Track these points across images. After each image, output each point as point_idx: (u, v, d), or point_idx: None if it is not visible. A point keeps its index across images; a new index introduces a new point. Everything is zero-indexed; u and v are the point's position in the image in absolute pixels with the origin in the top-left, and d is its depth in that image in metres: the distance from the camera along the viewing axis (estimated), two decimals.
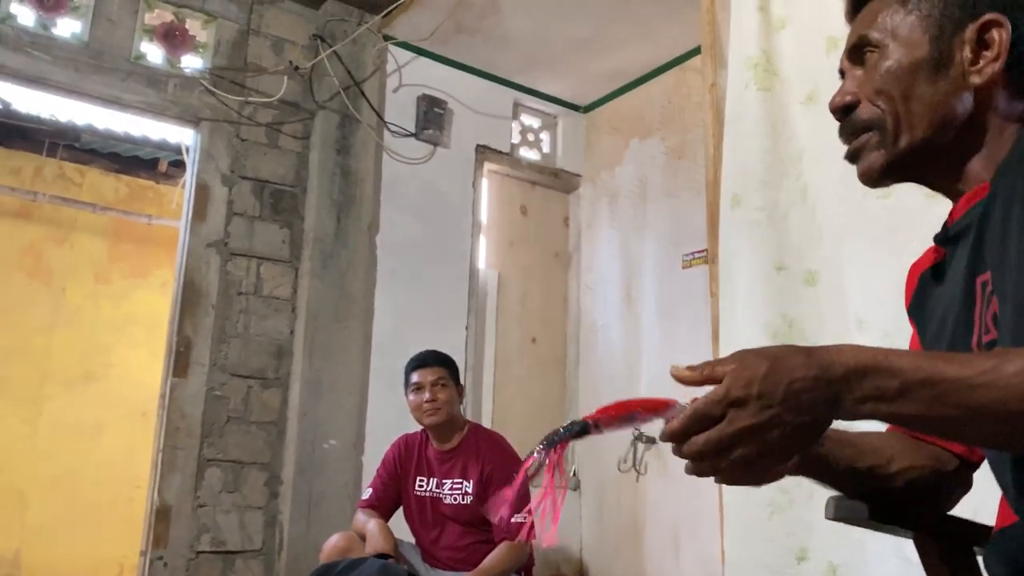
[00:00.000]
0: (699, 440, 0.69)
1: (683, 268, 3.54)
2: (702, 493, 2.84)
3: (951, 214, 0.92)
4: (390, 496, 2.60)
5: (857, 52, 0.92)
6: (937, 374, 0.67)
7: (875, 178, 0.91)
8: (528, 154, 4.11)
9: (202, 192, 3.19)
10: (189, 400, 3.04)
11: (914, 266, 1.00)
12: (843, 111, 0.92)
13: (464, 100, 3.80)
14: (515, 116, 4.06)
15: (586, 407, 3.91)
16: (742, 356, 0.69)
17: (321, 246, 3.31)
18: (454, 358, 2.68)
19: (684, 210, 3.51)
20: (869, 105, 0.89)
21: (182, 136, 3.50)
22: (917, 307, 0.97)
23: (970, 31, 0.86)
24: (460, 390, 2.63)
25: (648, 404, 0.77)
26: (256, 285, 3.25)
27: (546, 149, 4.19)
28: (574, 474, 3.87)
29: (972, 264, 0.83)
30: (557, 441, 0.77)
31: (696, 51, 2.47)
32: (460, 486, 2.51)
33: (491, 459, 2.50)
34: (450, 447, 2.56)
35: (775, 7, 2.07)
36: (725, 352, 1.98)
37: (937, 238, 0.93)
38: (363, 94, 3.48)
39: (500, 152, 3.91)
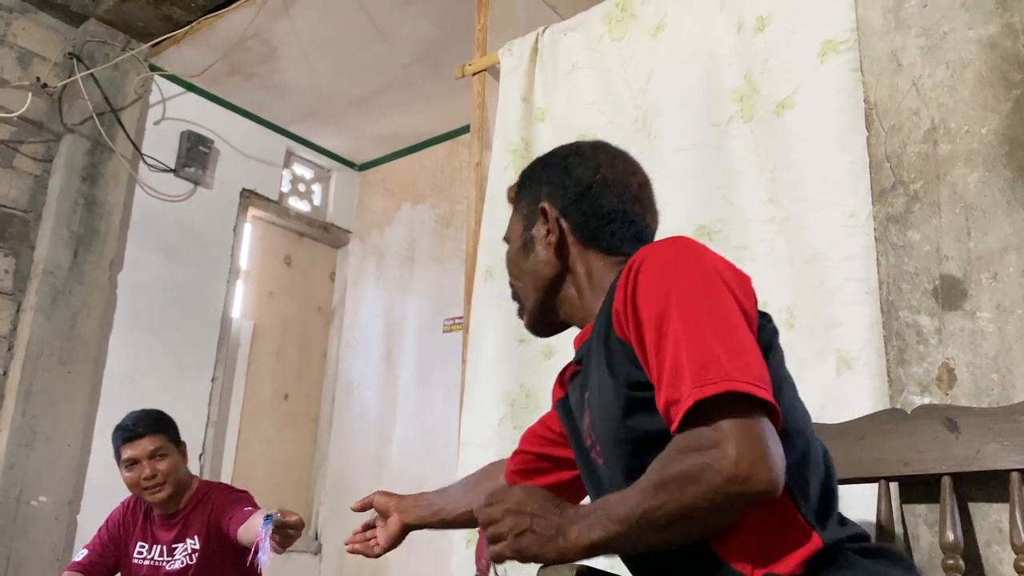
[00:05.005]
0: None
1: (444, 332, 3.62)
2: (442, 557, 2.85)
3: (575, 342, 1.15)
4: (107, 560, 2.34)
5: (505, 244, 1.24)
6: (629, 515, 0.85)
7: (534, 333, 1.21)
8: (298, 204, 4.04)
9: None
10: None
11: (559, 374, 1.22)
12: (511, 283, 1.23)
13: (232, 142, 3.67)
14: (287, 164, 3.98)
15: (336, 469, 3.82)
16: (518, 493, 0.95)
17: (52, 280, 3.00)
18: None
19: (448, 276, 3.60)
20: (510, 285, 1.22)
21: None
22: (560, 406, 1.19)
23: (538, 216, 1.17)
24: (183, 449, 2.40)
25: None
26: None
27: (317, 202, 4.15)
28: (316, 537, 3.75)
29: (583, 384, 1.08)
30: None
31: (468, 128, 2.59)
32: (187, 546, 2.31)
33: (216, 501, 2.32)
34: (174, 510, 2.35)
35: (537, 99, 2.22)
36: (468, 417, 2.05)
37: (573, 361, 1.15)
38: (120, 122, 3.25)
39: (267, 199, 3.80)
